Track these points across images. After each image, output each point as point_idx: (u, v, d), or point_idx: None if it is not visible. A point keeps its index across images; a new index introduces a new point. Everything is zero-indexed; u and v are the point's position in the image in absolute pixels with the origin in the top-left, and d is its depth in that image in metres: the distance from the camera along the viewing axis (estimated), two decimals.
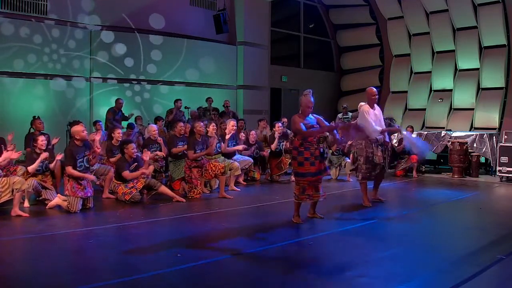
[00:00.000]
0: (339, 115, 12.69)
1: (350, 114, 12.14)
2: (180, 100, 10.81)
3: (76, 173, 6.01)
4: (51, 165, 6.54)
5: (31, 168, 6.19)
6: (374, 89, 6.61)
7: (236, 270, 3.91)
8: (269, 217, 6.07)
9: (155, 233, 5.18)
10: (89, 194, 6.17)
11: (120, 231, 5.16)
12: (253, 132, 9.15)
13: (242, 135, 8.96)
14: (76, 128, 6.13)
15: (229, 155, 8.14)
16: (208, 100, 11.32)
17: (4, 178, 5.63)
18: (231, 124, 8.17)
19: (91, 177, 6.30)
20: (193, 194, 7.09)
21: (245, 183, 8.60)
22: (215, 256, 4.20)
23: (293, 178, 8.94)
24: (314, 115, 5.56)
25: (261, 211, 6.47)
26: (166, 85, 11.82)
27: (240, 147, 8.39)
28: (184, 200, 6.75)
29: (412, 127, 10.57)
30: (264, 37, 13.76)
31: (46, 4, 10.16)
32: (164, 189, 6.83)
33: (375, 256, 4.33)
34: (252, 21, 13.31)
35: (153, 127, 8.04)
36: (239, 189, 7.91)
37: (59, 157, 6.47)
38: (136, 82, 11.40)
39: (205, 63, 12.45)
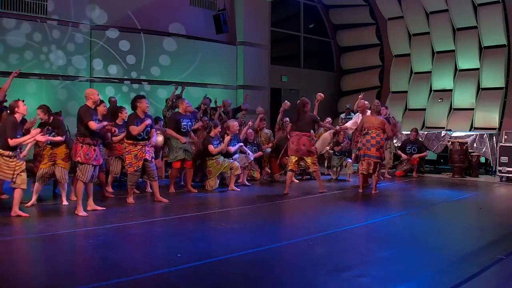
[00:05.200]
0: (342, 116, 12.61)
1: (353, 114, 12.05)
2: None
3: (97, 125, 5.87)
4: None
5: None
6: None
7: (236, 270, 3.91)
8: (269, 217, 6.07)
9: (155, 233, 5.19)
10: (100, 162, 6.12)
11: (120, 231, 5.15)
12: (250, 130, 9.01)
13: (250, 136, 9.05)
14: (91, 91, 6.11)
15: (229, 155, 8.14)
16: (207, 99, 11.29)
17: (13, 159, 5.46)
18: (235, 126, 8.16)
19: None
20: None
21: (249, 184, 8.52)
22: (215, 256, 4.20)
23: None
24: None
25: (261, 211, 6.47)
26: (166, 84, 11.81)
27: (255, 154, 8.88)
28: (167, 201, 6.71)
29: (416, 129, 10.64)
30: (264, 37, 13.74)
31: (46, 4, 10.15)
32: (155, 186, 6.76)
33: (375, 256, 4.33)
34: (252, 21, 13.29)
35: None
36: (239, 189, 7.92)
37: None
38: (135, 82, 11.39)
39: (205, 63, 12.44)
